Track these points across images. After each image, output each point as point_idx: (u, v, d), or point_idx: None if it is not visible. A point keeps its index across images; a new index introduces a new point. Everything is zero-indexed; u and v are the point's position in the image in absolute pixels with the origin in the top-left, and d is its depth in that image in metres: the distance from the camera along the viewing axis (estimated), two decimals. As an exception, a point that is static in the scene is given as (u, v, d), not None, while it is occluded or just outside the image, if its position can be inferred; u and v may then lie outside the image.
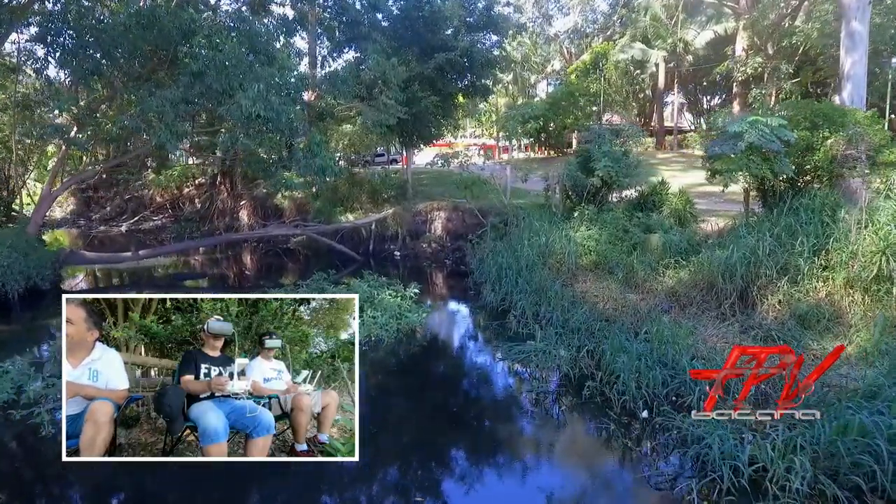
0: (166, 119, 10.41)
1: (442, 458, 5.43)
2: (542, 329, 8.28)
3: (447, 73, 17.00)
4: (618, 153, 11.83)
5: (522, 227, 12.15)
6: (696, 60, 28.60)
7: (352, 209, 18.54)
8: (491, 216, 14.86)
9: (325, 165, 11.65)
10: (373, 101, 15.01)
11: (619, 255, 10.49)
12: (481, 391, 7.03)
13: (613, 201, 13.13)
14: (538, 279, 9.90)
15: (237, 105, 9.94)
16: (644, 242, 10.37)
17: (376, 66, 14.61)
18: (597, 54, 30.19)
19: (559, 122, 29.69)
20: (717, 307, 8.19)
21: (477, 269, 12.80)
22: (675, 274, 9.27)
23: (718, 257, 8.33)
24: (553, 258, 10.85)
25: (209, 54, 10.15)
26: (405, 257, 16.85)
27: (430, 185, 21.24)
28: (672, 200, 11.51)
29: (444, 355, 8.64)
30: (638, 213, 11.85)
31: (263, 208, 21.61)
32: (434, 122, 18.26)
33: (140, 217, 26.46)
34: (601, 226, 11.48)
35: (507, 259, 10.94)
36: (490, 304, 10.19)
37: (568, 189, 13.52)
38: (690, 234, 10.31)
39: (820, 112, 8.58)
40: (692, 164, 23.50)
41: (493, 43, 19.30)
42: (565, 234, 11.28)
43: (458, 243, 16.11)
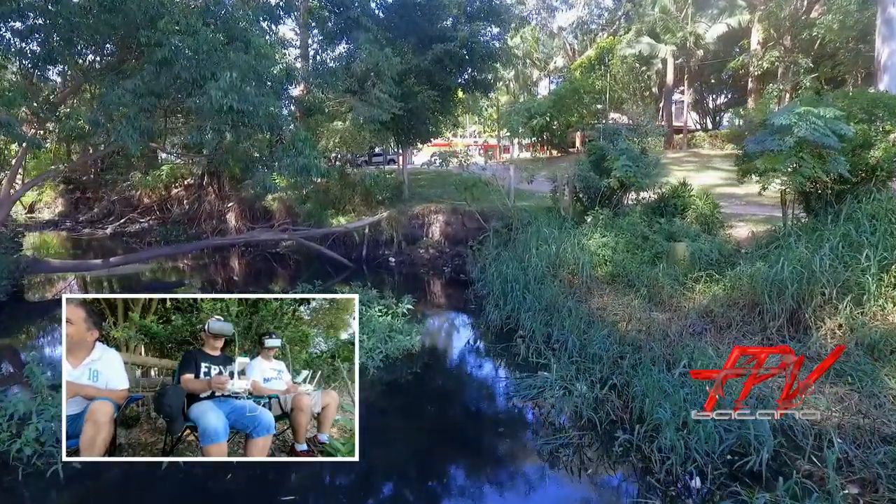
0: (129, 113, 9.20)
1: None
2: (556, 356, 7.08)
3: (446, 65, 15.78)
4: (636, 151, 10.60)
5: (530, 233, 10.92)
6: (707, 56, 27.38)
7: (344, 212, 17.35)
8: (493, 220, 13.65)
9: (310, 165, 10.42)
10: (365, 94, 13.82)
11: (638, 266, 9.28)
12: (484, 441, 5.76)
13: (629, 204, 11.92)
14: (549, 294, 8.67)
15: (207, 96, 8.72)
16: (668, 252, 9.16)
17: (369, 57, 13.41)
18: (602, 49, 28.97)
19: (563, 120, 28.45)
20: (762, 330, 6.97)
21: (478, 279, 11.61)
22: (706, 289, 8.06)
23: (762, 272, 7.12)
24: (564, 269, 9.63)
25: (178, 39, 8.94)
26: (400, 264, 15.64)
27: (428, 187, 20.04)
28: (697, 204, 10.29)
29: (440, 391, 7.30)
30: (658, 218, 10.64)
31: (252, 210, 20.42)
32: (432, 119, 17.05)
33: (127, 219, 25.45)
34: (617, 232, 10.27)
35: (513, 270, 9.70)
36: (493, 323, 8.96)
37: (578, 191, 12.32)
38: (721, 242, 9.10)
39: (880, 102, 7.37)
40: (705, 164, 22.33)
41: (495, 35, 18.10)
42: (577, 241, 10.06)
43: (458, 249, 14.92)
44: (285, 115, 12.03)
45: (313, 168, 10.49)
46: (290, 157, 10.43)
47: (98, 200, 28.64)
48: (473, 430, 5.99)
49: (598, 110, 30.16)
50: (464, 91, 19.06)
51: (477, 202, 13.99)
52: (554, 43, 37.78)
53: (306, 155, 10.34)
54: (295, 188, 14.29)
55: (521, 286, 9.10)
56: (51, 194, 32.81)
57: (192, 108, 9.06)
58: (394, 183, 18.41)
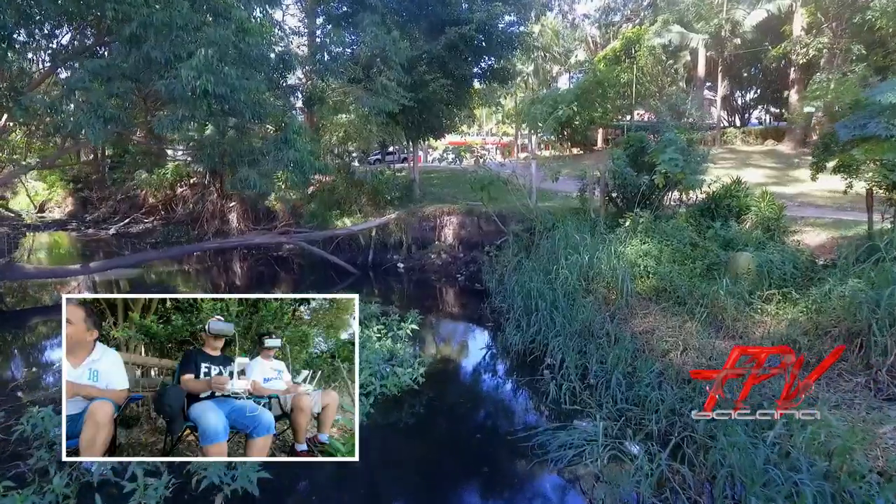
0: (92, 98, 7.95)
1: None
2: (594, 396, 5.58)
3: (460, 52, 14.30)
4: (683, 143, 8.98)
5: (556, 239, 9.39)
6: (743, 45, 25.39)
7: (349, 213, 16.01)
8: (512, 222, 12.17)
9: (303, 159, 9.05)
10: (370, 83, 12.43)
11: (689, 280, 7.70)
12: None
13: (671, 205, 10.33)
14: (583, 316, 7.13)
15: (178, 77, 7.42)
16: (727, 263, 7.56)
17: (374, 41, 12.01)
18: (628, 40, 27.11)
19: (586, 115, 26.68)
20: (865, 369, 5.36)
21: (496, 290, 10.15)
22: (782, 312, 6.46)
23: (864, 294, 5.51)
24: (599, 283, 8.10)
25: (146, 13, 7.65)
26: (409, 270, 14.24)
27: (441, 186, 18.61)
28: (759, 205, 8.65)
29: (444, 446, 5.53)
30: (708, 222, 9.05)
31: (254, 211, 19.26)
32: (445, 112, 15.57)
33: (131, 219, 24.70)
34: (660, 238, 8.70)
35: (538, 283, 8.18)
36: (514, 346, 7.46)
37: (611, 190, 10.76)
38: (794, 252, 7.47)
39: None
40: (744, 161, 20.52)
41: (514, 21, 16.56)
42: (613, 249, 8.52)
43: (473, 254, 13.46)
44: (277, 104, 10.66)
45: (306, 162, 9.11)
46: (280, 151, 9.06)
47: (105, 200, 28.14)
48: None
49: (622, 105, 28.35)
50: (480, 82, 17.55)
51: (494, 202, 12.52)
52: (575, 34, 36.00)
53: (298, 147, 8.97)
54: (273, 188, 12.83)
55: (549, 304, 7.57)
56: (61, 193, 32.44)
57: (163, 92, 7.74)
58: (404, 182, 17.03)
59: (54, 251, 20.53)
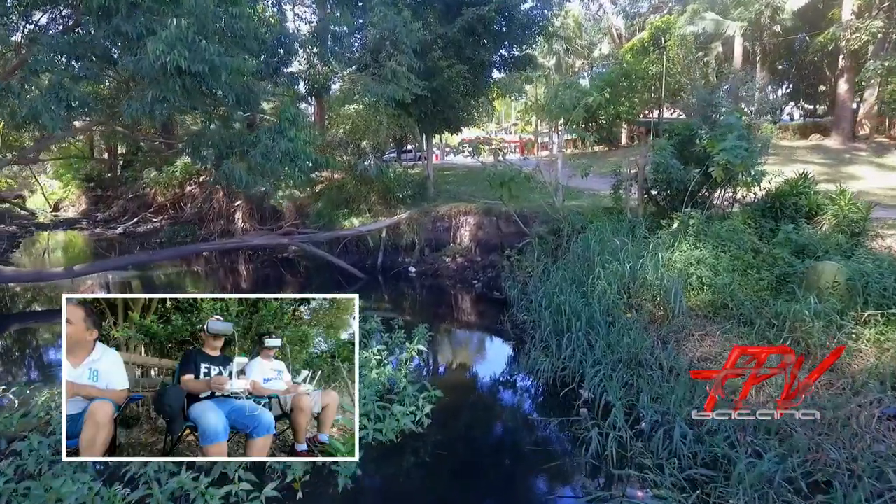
0: (55, 79, 6.91)
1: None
2: (653, 452, 4.28)
3: (479, 36, 13.03)
4: (744, 130, 7.55)
5: (590, 243, 8.04)
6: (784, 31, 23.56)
7: (358, 212, 14.86)
8: (535, 223, 10.88)
9: (297, 150, 7.88)
10: (379, 69, 11.25)
11: (755, 294, 6.33)
12: None
13: (721, 204, 8.91)
14: (628, 340, 5.79)
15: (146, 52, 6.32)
16: (805, 275, 6.15)
17: (383, 22, 10.82)
18: (657, 29, 25.47)
19: (612, 110, 25.11)
20: None
21: (518, 300, 8.86)
22: (884, 338, 5.06)
23: None
24: (643, 296, 6.77)
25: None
26: (422, 275, 13.02)
27: (457, 183, 17.37)
28: (839, 204, 7.19)
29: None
30: (771, 223, 7.63)
31: (260, 210, 18.32)
32: (461, 103, 14.29)
33: (139, 218, 24.13)
34: (715, 243, 7.31)
35: (569, 296, 6.85)
36: (542, 373, 6.15)
37: (650, 186, 9.38)
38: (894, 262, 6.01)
39: None
40: (789, 157, 18.81)
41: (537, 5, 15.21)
42: (659, 255, 7.16)
43: (491, 258, 12.20)
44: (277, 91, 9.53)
45: (301, 154, 7.94)
46: (271, 141, 7.91)
47: (117, 199, 27.82)
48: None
49: (650, 99, 26.70)
50: (500, 70, 16.21)
51: (515, 201, 11.23)
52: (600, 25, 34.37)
53: (291, 137, 7.80)
54: (264, 183, 11.65)
55: (584, 324, 6.24)
56: (76, 192, 32.25)
57: (131, 69, 6.65)
58: (417, 179, 15.81)
59: (55, 251, 19.87)
